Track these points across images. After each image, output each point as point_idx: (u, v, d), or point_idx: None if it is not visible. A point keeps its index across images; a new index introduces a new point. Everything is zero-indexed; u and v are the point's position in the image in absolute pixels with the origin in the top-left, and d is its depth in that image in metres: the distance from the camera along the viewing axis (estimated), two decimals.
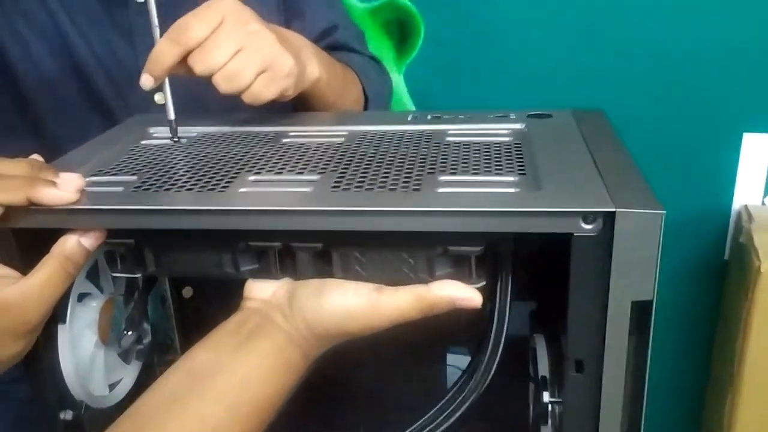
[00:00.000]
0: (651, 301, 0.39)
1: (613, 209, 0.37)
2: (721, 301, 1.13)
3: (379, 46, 1.16)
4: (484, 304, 0.48)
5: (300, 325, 0.44)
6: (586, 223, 0.38)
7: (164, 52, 0.51)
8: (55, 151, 0.53)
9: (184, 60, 0.51)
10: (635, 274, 0.38)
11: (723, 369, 1.06)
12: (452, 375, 0.67)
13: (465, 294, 0.42)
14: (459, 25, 1.12)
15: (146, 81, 0.51)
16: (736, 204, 1.10)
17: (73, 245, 0.43)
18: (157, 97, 0.54)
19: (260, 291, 0.46)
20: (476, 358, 0.54)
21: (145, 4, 0.52)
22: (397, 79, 1.17)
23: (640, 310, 0.39)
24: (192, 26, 0.51)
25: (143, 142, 0.56)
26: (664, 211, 0.37)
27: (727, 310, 1.09)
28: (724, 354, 1.07)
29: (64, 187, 0.43)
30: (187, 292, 0.62)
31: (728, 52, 1.02)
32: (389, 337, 0.67)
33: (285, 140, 0.54)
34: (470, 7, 1.11)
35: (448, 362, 0.69)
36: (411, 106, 1.18)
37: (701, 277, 1.14)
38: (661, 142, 1.06)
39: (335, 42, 0.77)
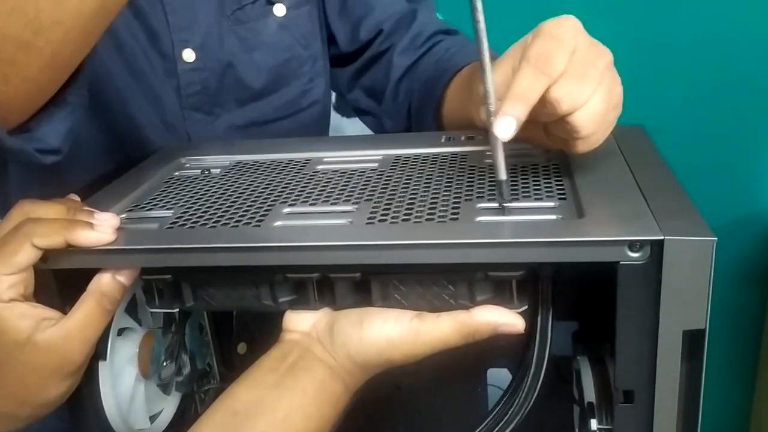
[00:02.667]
0: (703, 330, 0.38)
1: (662, 237, 0.36)
2: (767, 305, 1.10)
3: None
4: (525, 326, 0.47)
5: (341, 356, 0.43)
6: (633, 251, 0.37)
7: (531, 87, 0.40)
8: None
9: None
10: (686, 302, 0.37)
11: None
12: (492, 393, 0.66)
13: (507, 319, 0.42)
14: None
15: (509, 126, 0.40)
16: None
17: (109, 282, 0.44)
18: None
19: (299, 323, 0.45)
20: (517, 381, 0.53)
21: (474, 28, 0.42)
22: None
23: (692, 339, 0.38)
24: (555, 54, 0.41)
25: (176, 173, 0.56)
26: (715, 238, 0.36)
27: None
28: None
29: (102, 229, 0.43)
30: (242, 348, 0.63)
31: (765, 55, 1.00)
32: (430, 355, 0.67)
33: (318, 167, 0.54)
34: (492, 13, 1.10)
35: (489, 381, 0.68)
36: None
37: (747, 283, 1.11)
38: (701, 148, 1.04)
39: (437, 30, 0.72)
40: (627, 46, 1.03)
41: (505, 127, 0.40)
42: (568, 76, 0.41)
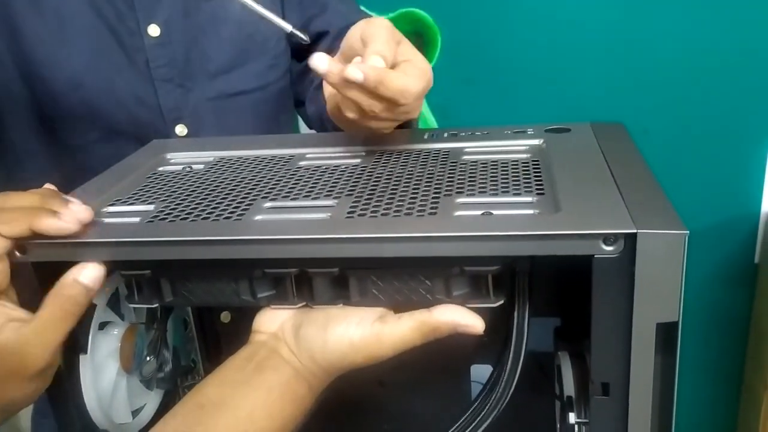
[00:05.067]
0: (676, 323, 0.38)
1: (635, 230, 0.36)
2: (752, 305, 1.10)
3: None
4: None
5: (306, 358, 0.44)
6: (607, 245, 0.37)
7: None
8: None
9: None
10: (659, 295, 0.38)
11: (756, 375, 1.03)
12: (476, 389, 0.67)
13: (467, 321, 0.42)
14: (476, 36, 1.11)
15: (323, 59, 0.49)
16: (766, 207, 1.07)
17: (71, 285, 0.42)
18: None
19: (268, 324, 0.46)
20: (495, 376, 0.53)
21: None
22: None
23: (666, 332, 0.39)
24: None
25: (160, 168, 0.56)
26: (687, 231, 0.36)
27: (758, 314, 1.07)
28: (757, 359, 1.04)
29: (65, 218, 0.42)
30: (226, 317, 0.63)
31: (753, 55, 1.01)
32: (413, 350, 0.67)
33: (301, 163, 0.54)
34: (487, 19, 1.10)
35: (473, 377, 0.69)
36: (429, 115, 1.18)
37: (731, 282, 1.12)
38: (688, 147, 1.04)
39: None
40: (617, 45, 1.04)
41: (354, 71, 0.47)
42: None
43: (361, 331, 0.43)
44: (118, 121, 0.68)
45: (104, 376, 0.50)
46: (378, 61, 0.48)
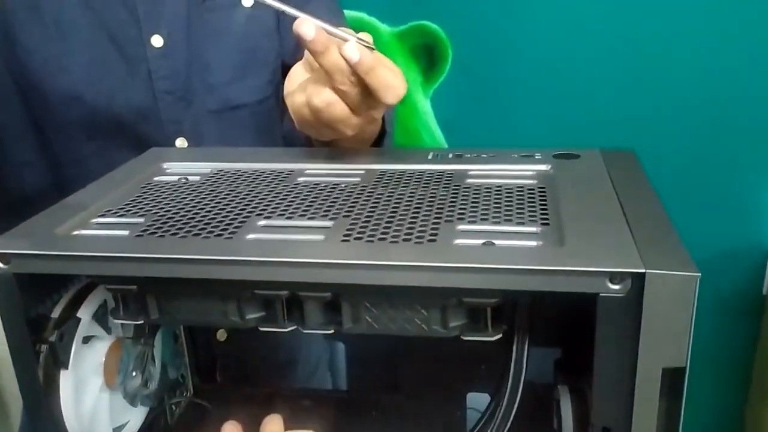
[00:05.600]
0: (684, 368, 0.36)
1: (643, 270, 0.35)
2: (760, 336, 1.08)
3: (407, 70, 1.14)
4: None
5: None
6: (614, 283, 0.35)
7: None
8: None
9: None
10: (667, 339, 0.36)
11: (761, 407, 1.01)
12: (472, 417, 0.65)
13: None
14: (487, 50, 1.10)
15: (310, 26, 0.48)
16: None
17: None
18: None
19: None
20: (492, 408, 0.51)
21: None
22: (424, 104, 1.15)
23: (672, 377, 0.37)
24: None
25: (156, 178, 0.54)
26: (699, 274, 0.34)
27: (765, 345, 1.05)
28: (762, 392, 1.02)
29: None
30: (222, 335, 0.61)
31: (762, 85, 0.99)
32: (409, 377, 0.65)
33: (300, 179, 0.52)
34: (498, 33, 1.09)
35: (468, 405, 0.67)
36: (437, 131, 1.16)
37: (739, 313, 1.10)
38: (696, 176, 1.02)
39: None
40: (630, 70, 1.03)
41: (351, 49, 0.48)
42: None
43: None
44: (118, 134, 0.67)
45: (86, 392, 0.48)
46: (366, 36, 0.49)
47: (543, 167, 0.52)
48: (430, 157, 0.55)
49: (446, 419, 0.65)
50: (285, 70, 0.76)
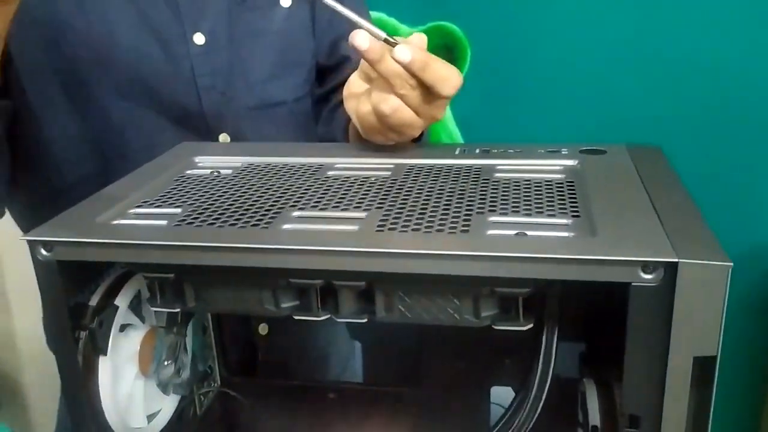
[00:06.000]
0: (715, 357, 0.37)
1: (676, 260, 0.35)
2: None
3: None
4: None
5: None
6: (646, 273, 0.36)
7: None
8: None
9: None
10: (698, 328, 0.36)
11: None
12: (495, 412, 0.65)
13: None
14: (505, 51, 1.10)
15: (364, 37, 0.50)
16: None
17: None
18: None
19: None
20: (519, 400, 0.52)
21: None
22: None
23: (703, 366, 0.37)
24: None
25: (188, 171, 0.56)
26: (731, 263, 0.35)
27: None
28: None
29: None
30: (264, 329, 0.62)
31: None
32: (433, 370, 0.66)
33: (330, 173, 0.53)
34: (517, 33, 1.09)
35: (492, 399, 0.68)
36: (456, 131, 1.17)
37: (759, 313, 1.09)
38: (713, 175, 1.02)
39: None
40: (648, 67, 1.03)
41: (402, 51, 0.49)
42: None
43: None
44: (163, 129, 0.68)
45: (122, 379, 0.49)
46: (420, 39, 0.50)
47: (570, 162, 0.52)
48: (457, 152, 0.56)
49: (470, 413, 0.66)
50: (318, 71, 0.78)
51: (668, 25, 1.02)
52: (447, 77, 0.51)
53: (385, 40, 0.51)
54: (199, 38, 0.68)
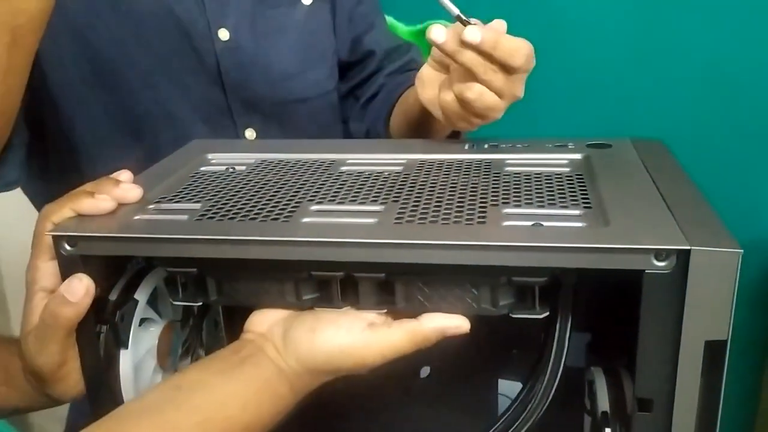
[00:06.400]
0: (726, 341, 0.38)
1: (688, 247, 0.37)
2: None
3: None
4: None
5: (291, 360, 0.45)
6: (659, 260, 0.37)
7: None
8: None
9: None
10: (710, 313, 0.38)
11: None
12: (503, 403, 0.66)
13: (453, 323, 0.44)
14: None
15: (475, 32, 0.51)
16: None
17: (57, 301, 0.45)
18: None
19: (259, 324, 0.47)
20: (529, 388, 0.53)
21: None
22: None
23: (714, 350, 0.39)
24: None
25: (202, 168, 0.56)
26: (742, 250, 0.36)
27: None
28: None
29: (100, 197, 0.46)
30: None
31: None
32: (440, 363, 0.67)
33: (343, 168, 0.54)
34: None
35: (500, 390, 0.69)
36: None
37: (753, 304, 1.11)
38: (711, 166, 1.04)
39: (416, 65, 0.80)
40: (640, 61, 1.05)
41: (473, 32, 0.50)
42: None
43: (350, 338, 0.43)
44: (192, 122, 0.69)
45: (142, 372, 0.50)
46: (500, 25, 0.53)
47: (577, 156, 0.54)
48: (466, 147, 0.57)
49: (477, 403, 0.67)
50: (340, 68, 0.80)
51: (669, 19, 1.03)
52: (516, 48, 0.51)
53: (458, 17, 0.52)
54: (223, 34, 0.69)
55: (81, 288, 0.44)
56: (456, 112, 0.56)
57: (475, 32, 0.50)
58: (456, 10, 0.53)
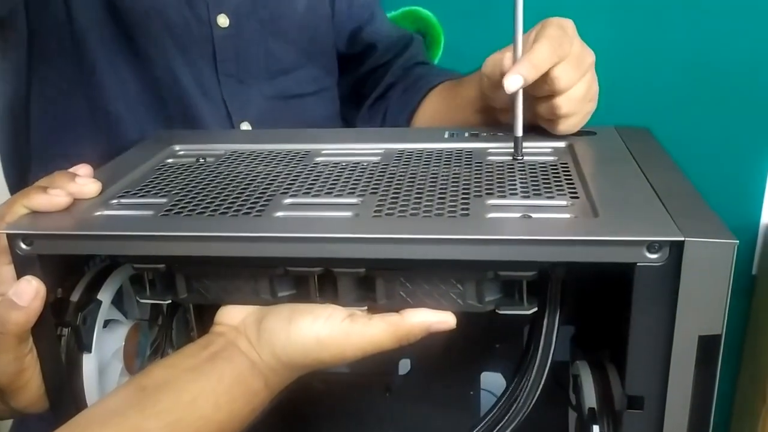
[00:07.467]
0: (720, 336, 0.37)
1: (682, 238, 0.35)
2: (749, 316, 1.10)
3: None
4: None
5: (266, 353, 0.42)
6: (651, 252, 0.36)
7: (544, 58, 0.48)
8: None
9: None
10: (704, 306, 0.36)
11: (752, 387, 1.03)
12: (485, 398, 0.65)
13: (438, 318, 0.41)
14: (478, 36, 1.10)
15: (516, 82, 0.47)
16: (765, 218, 1.07)
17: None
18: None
19: (230, 317, 0.44)
20: (515, 384, 0.51)
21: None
22: None
23: (708, 345, 0.37)
24: (565, 41, 0.50)
25: (169, 160, 0.54)
26: (737, 241, 0.35)
27: (755, 326, 1.07)
28: (753, 372, 1.04)
29: (53, 192, 0.43)
30: None
31: (755, 65, 1.00)
32: (422, 358, 0.66)
33: (318, 159, 0.52)
34: (490, 19, 1.09)
35: (482, 385, 0.67)
36: None
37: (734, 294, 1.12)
38: (687, 155, 1.03)
39: (421, 61, 0.79)
40: (623, 49, 1.04)
41: (513, 82, 0.47)
42: (568, 61, 0.50)
43: (329, 328, 0.41)
44: (185, 113, 0.66)
45: (108, 377, 0.47)
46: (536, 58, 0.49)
47: (561, 144, 0.52)
48: (446, 135, 0.55)
49: (460, 399, 0.65)
50: (340, 61, 0.78)
51: (655, 9, 1.02)
52: (555, 78, 0.49)
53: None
54: (223, 20, 0.66)
55: (30, 291, 0.41)
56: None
57: (514, 81, 0.47)
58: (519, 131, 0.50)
